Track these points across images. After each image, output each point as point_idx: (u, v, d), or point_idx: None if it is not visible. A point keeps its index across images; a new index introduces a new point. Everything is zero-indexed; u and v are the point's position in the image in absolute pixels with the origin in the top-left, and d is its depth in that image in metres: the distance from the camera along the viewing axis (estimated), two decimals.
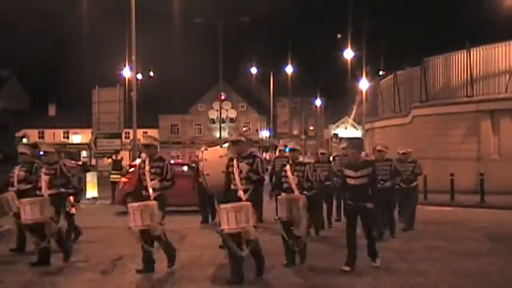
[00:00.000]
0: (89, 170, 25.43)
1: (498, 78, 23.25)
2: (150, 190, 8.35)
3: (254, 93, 79.74)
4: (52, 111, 76.40)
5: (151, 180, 8.39)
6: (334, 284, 7.97)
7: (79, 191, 11.31)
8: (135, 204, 8.31)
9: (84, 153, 60.57)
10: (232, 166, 8.06)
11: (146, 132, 72.20)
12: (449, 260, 9.68)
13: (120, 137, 24.42)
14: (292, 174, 8.81)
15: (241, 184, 7.95)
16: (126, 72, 48.68)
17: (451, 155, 23.10)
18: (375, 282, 8.07)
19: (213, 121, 75.16)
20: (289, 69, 65.92)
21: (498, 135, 22.64)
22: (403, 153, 13.08)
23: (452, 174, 19.72)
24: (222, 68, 46.65)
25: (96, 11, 54.14)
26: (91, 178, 23.22)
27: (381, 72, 42.85)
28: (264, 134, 77.52)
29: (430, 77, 26.24)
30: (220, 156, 8.99)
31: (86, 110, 28.41)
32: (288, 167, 8.95)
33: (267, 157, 44.84)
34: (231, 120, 77.22)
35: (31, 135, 70.04)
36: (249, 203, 7.74)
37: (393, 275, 8.49)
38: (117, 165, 22.39)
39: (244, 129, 77.80)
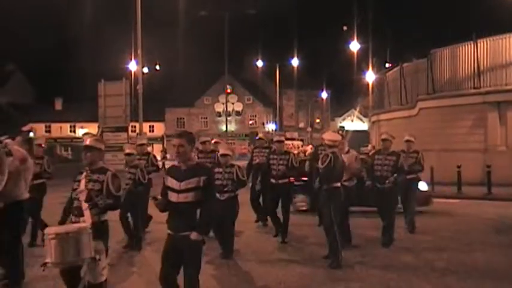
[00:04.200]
0: None
1: (505, 69, 23.11)
2: None
3: (260, 86, 79.81)
4: (58, 105, 76.76)
5: None
6: (341, 275, 7.97)
7: None
8: None
9: None
10: None
11: (153, 126, 72.55)
12: (456, 251, 9.67)
13: (127, 131, 24.48)
14: (86, 187, 5.65)
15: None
16: (132, 66, 48.71)
17: (458, 146, 23.02)
18: (381, 274, 8.08)
19: (219, 114, 75.26)
20: (295, 61, 65.79)
21: (505, 126, 22.53)
22: (406, 141, 11.63)
23: (459, 166, 19.66)
24: (228, 61, 46.78)
25: (102, 5, 54.23)
26: None
27: (387, 65, 42.58)
28: (270, 127, 77.54)
29: (437, 69, 26.11)
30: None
31: (92, 104, 28.51)
32: (84, 175, 5.76)
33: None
34: (237, 113, 77.31)
35: (37, 129, 70.42)
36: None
37: (400, 267, 8.50)
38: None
39: (251, 122, 77.96)
